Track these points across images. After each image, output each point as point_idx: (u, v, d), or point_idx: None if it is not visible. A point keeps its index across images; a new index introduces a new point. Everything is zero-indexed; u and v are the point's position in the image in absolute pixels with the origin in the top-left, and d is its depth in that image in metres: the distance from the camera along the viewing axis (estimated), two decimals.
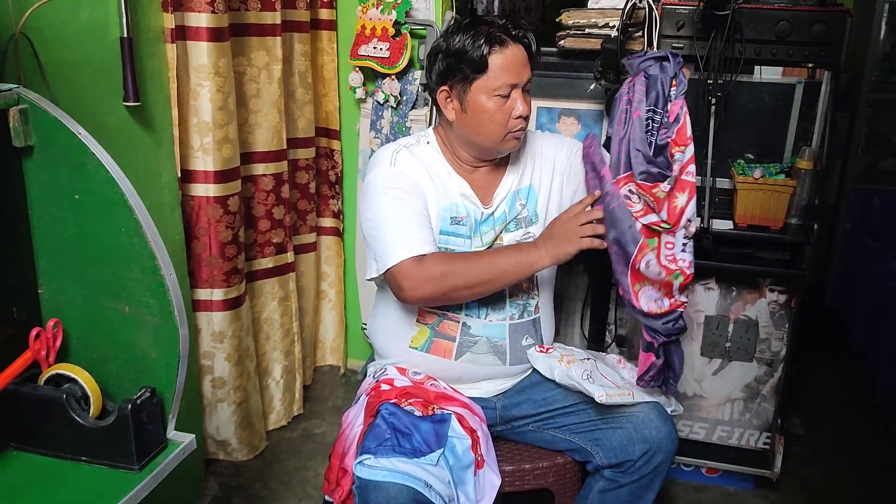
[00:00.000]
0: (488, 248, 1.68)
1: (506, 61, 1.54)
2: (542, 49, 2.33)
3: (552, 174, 1.74)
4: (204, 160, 2.15)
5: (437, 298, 1.59)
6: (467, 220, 1.66)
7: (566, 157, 1.75)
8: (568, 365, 1.66)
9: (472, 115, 1.59)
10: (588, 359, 1.72)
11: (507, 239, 1.69)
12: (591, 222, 1.53)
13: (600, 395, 1.59)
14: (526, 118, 1.59)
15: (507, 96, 1.56)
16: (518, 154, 1.73)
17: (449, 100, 1.62)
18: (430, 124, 2.39)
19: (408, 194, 1.60)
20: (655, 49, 2.09)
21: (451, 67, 1.58)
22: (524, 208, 1.71)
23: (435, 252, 1.56)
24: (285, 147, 2.47)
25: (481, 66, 1.54)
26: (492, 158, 1.68)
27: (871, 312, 3.14)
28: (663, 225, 1.55)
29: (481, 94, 1.56)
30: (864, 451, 2.60)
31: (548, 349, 1.73)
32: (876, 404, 2.84)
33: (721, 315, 2.23)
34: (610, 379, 1.69)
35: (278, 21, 2.33)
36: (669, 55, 1.54)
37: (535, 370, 1.75)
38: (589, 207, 1.55)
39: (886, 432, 2.67)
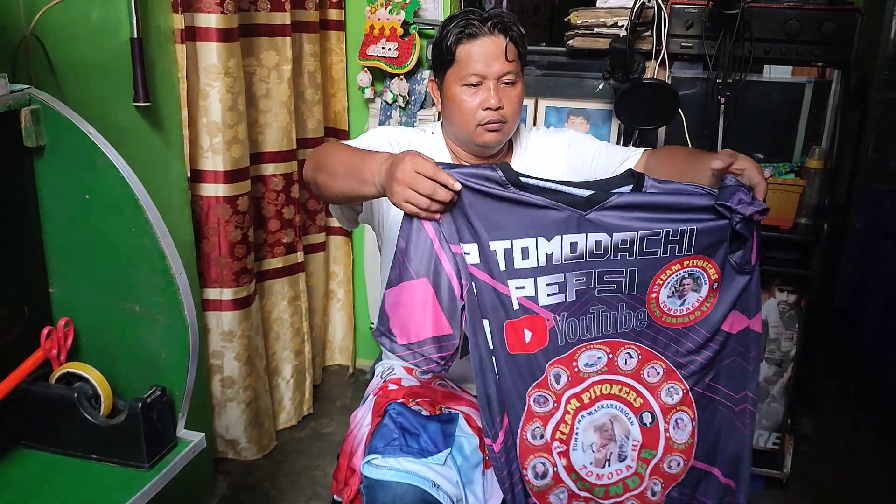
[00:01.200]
0: None
1: (474, 50, 1.53)
2: (551, 49, 2.35)
3: (547, 170, 1.72)
4: (213, 160, 2.15)
5: (310, 177, 1.47)
6: None
7: (565, 148, 1.71)
8: None
9: (447, 106, 1.60)
10: None
11: None
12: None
13: None
14: (497, 110, 1.55)
15: (477, 86, 1.55)
16: (520, 153, 1.73)
17: (436, 90, 1.64)
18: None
19: (377, 145, 1.59)
20: (665, 48, 2.09)
21: (434, 58, 1.61)
22: None
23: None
24: (295, 147, 2.47)
25: (450, 56, 1.55)
26: (483, 155, 1.68)
27: (881, 313, 3.12)
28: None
29: (453, 84, 1.57)
30: (874, 452, 2.58)
31: None
32: (887, 404, 2.82)
33: None
34: None
35: (288, 21, 2.33)
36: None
37: None
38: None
39: None
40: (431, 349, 1.27)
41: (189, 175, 2.09)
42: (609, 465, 1.36)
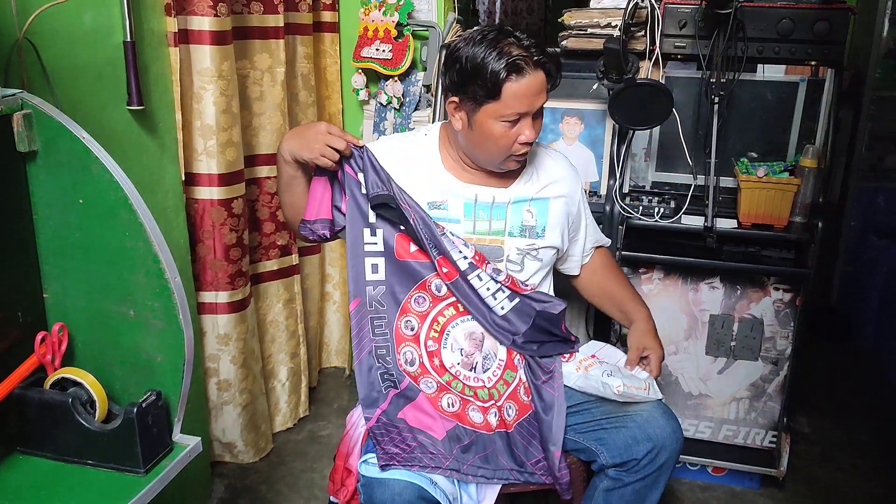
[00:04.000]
0: (490, 235, 1.68)
1: (520, 90, 1.49)
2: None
3: (566, 204, 1.75)
4: (208, 163, 2.15)
5: (284, 217, 1.75)
6: (448, 204, 1.65)
7: (578, 199, 1.79)
8: (586, 370, 1.68)
9: (477, 134, 1.57)
10: (606, 363, 1.72)
11: (510, 244, 1.68)
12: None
13: (617, 386, 1.62)
14: (530, 143, 1.58)
15: (516, 122, 1.54)
16: (538, 164, 1.73)
17: (457, 111, 1.58)
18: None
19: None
20: (658, 48, 2.09)
21: (465, 82, 1.53)
22: (532, 217, 1.70)
23: None
24: None
25: (494, 93, 1.50)
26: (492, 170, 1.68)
27: (879, 310, 3.13)
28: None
29: (489, 118, 1.53)
30: (871, 450, 2.59)
31: (569, 356, 1.74)
32: (884, 402, 2.83)
33: (726, 314, 2.23)
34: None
35: (281, 24, 2.33)
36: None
37: None
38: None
39: (895, 430, 2.66)
40: (318, 226, 1.63)
41: (183, 178, 2.09)
42: (475, 371, 1.64)
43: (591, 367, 1.68)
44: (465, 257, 1.59)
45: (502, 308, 1.64)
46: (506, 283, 1.63)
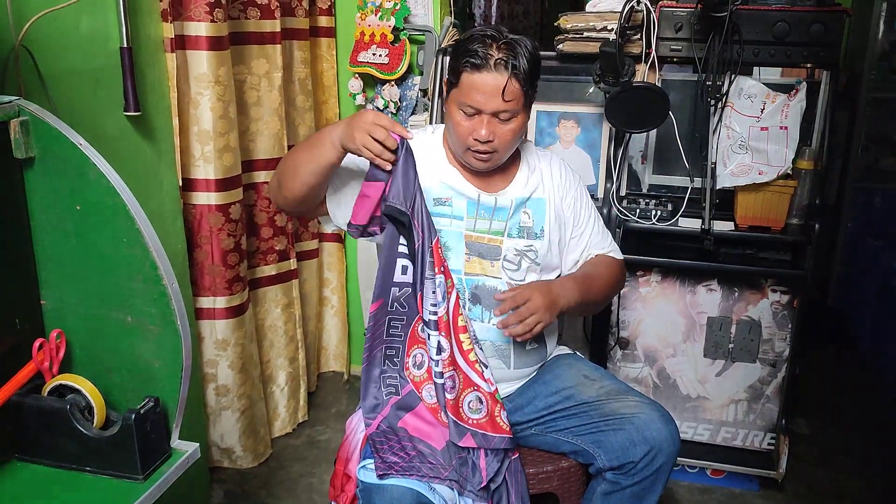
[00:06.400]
0: (489, 234, 1.68)
1: (475, 83, 1.52)
2: (541, 53, 2.35)
3: (561, 203, 1.75)
4: (205, 168, 2.15)
5: (274, 187, 1.63)
6: (453, 202, 1.66)
7: (574, 197, 1.77)
8: None
9: (447, 119, 1.63)
10: None
11: (508, 244, 1.68)
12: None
13: None
14: (487, 143, 1.56)
15: (473, 116, 1.56)
16: (531, 166, 1.73)
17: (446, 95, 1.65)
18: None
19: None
20: (654, 51, 2.10)
21: (447, 68, 1.63)
22: (529, 218, 1.70)
23: None
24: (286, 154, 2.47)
25: (454, 80, 1.57)
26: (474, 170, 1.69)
27: (876, 311, 3.13)
28: None
29: (452, 103, 1.59)
30: (870, 451, 2.59)
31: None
32: (883, 403, 2.83)
33: (724, 316, 2.23)
34: None
35: (278, 29, 2.33)
36: None
37: (539, 372, 1.75)
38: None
39: (894, 431, 2.66)
40: (373, 225, 1.55)
41: (181, 184, 2.09)
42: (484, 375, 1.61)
43: None
44: (435, 314, 1.52)
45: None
46: (445, 361, 1.53)
